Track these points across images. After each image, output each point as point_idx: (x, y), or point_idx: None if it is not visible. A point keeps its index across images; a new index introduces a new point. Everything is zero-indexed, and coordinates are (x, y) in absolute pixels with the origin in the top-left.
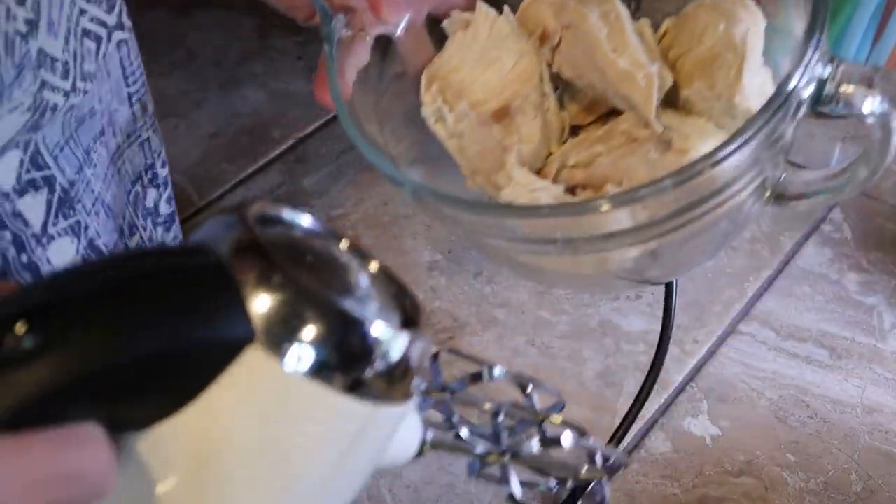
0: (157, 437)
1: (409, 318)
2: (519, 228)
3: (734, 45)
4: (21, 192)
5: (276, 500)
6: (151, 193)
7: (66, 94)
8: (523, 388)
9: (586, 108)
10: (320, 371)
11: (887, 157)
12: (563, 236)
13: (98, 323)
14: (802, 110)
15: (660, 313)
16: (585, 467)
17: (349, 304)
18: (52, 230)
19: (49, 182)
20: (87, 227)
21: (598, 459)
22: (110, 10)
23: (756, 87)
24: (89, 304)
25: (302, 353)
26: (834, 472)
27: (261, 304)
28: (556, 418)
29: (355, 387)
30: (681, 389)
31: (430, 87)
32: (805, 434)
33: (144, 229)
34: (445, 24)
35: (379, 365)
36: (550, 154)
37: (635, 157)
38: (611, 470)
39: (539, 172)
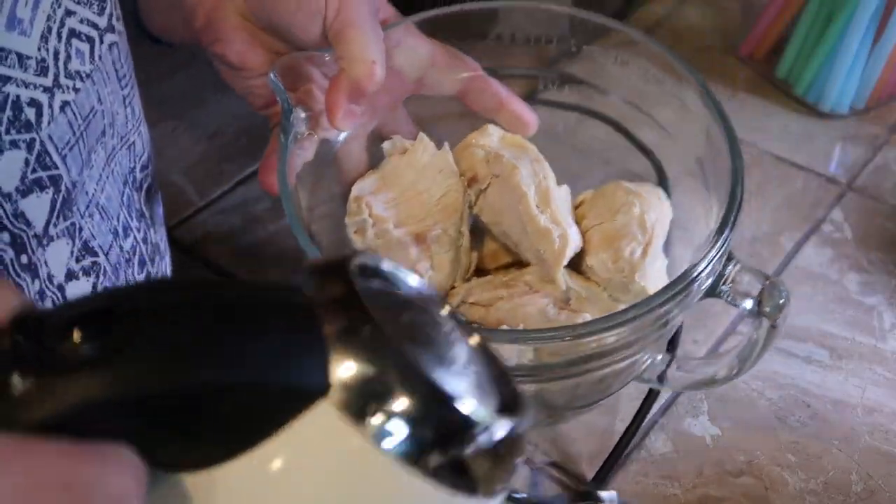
0: (203, 482)
1: (507, 404)
2: None
3: (645, 227)
4: (25, 192)
5: None
6: (134, 196)
7: (49, 91)
8: None
9: (493, 255)
10: (396, 445)
11: (759, 355)
12: None
13: (159, 343)
14: (696, 298)
15: None
16: None
17: (442, 376)
18: (52, 231)
19: (55, 181)
20: (81, 229)
21: None
22: (101, 12)
23: (655, 271)
24: (154, 322)
25: (378, 421)
26: (834, 472)
27: (343, 356)
28: None
29: (433, 469)
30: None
31: (359, 200)
32: (805, 434)
33: (139, 231)
34: (385, 145)
35: (465, 449)
36: (454, 287)
37: (534, 308)
38: None
39: None
